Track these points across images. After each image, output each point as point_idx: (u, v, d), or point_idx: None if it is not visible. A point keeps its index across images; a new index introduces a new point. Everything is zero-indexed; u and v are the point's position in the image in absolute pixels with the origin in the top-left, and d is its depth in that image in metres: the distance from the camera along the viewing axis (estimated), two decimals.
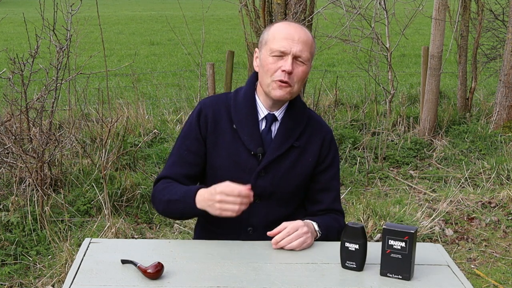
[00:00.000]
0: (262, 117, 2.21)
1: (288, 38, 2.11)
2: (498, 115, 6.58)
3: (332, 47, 8.72)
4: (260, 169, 2.17)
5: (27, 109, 4.68)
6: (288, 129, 2.20)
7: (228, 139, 2.19)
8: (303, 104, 2.29)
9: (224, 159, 2.18)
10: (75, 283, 1.80)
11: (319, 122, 2.30)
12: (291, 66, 2.09)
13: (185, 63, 12.14)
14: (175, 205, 2.11)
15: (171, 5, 30.94)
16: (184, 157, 2.22)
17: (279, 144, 2.18)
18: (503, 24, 7.72)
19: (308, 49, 2.13)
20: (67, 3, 4.93)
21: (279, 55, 2.11)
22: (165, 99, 7.96)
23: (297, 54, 2.10)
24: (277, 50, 2.10)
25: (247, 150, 2.17)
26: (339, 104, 7.65)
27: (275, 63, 2.11)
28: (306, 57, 2.13)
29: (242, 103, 2.21)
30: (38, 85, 7.37)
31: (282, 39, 2.11)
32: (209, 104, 2.24)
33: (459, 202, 4.86)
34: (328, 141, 2.27)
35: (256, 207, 2.19)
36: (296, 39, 2.11)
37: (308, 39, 2.14)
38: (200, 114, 2.22)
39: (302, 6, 4.92)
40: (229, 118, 2.20)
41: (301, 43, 2.11)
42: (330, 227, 2.19)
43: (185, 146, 2.23)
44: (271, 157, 2.17)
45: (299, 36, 2.12)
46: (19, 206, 4.20)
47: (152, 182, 4.83)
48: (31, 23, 4.87)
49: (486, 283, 3.76)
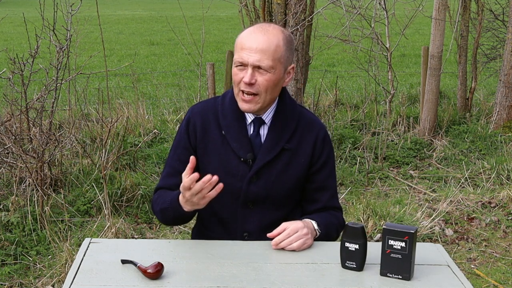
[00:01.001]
0: (250, 122, 2.18)
1: (246, 48, 2.05)
2: (498, 115, 6.58)
3: (332, 47, 8.72)
4: (251, 175, 2.15)
5: (27, 109, 4.68)
6: (277, 132, 2.17)
7: (218, 146, 2.17)
8: (293, 103, 2.24)
9: (215, 166, 2.16)
10: (75, 283, 1.80)
11: (310, 120, 2.25)
12: (249, 77, 2.06)
13: (185, 63, 12.13)
14: (167, 212, 2.14)
15: (171, 5, 30.93)
16: (176, 168, 2.21)
17: (269, 148, 2.16)
18: (503, 24, 7.72)
19: (269, 57, 2.05)
20: (67, 3, 4.93)
21: (241, 66, 2.08)
22: (165, 99, 7.96)
23: (255, 64, 2.05)
24: (237, 61, 2.08)
25: (237, 157, 2.15)
26: (339, 104, 7.65)
27: (239, 74, 2.09)
28: (268, 65, 2.06)
29: (229, 109, 2.18)
30: (38, 85, 7.36)
31: (242, 50, 2.07)
32: (197, 112, 2.22)
33: (459, 202, 4.86)
34: (321, 139, 2.22)
35: (250, 212, 2.18)
36: (254, 48, 2.04)
37: (269, 46, 2.05)
38: (188, 123, 2.21)
39: (302, 6, 4.92)
40: (218, 124, 2.18)
41: (259, 52, 2.04)
42: (329, 224, 2.19)
43: (176, 156, 2.23)
44: (261, 163, 2.15)
45: (258, 45, 2.04)
46: (19, 206, 4.19)
47: (152, 182, 4.87)
48: (31, 23, 4.87)
49: (486, 283, 3.76)
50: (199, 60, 6.93)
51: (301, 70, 5.14)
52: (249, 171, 2.15)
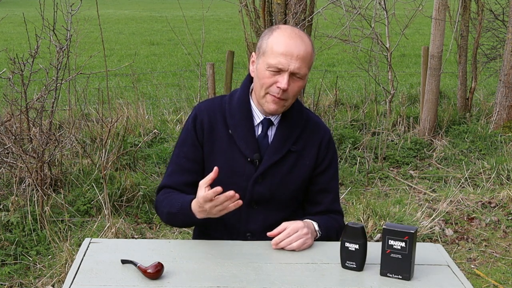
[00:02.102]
0: (258, 122, 2.17)
1: (287, 54, 2.03)
2: (498, 115, 6.58)
3: (332, 47, 8.71)
4: (257, 175, 2.15)
5: (27, 109, 4.68)
6: (285, 134, 2.17)
7: (225, 145, 2.16)
8: (300, 106, 2.24)
9: (221, 165, 2.13)
10: (75, 283, 1.80)
11: (316, 123, 2.26)
12: (287, 84, 2.04)
13: (185, 63, 12.13)
14: (176, 217, 2.12)
15: (171, 5, 30.93)
16: (183, 165, 2.20)
17: (276, 149, 2.16)
18: (503, 24, 7.72)
19: (306, 65, 2.06)
20: (67, 3, 4.93)
21: (276, 70, 2.04)
22: (165, 99, 7.96)
23: (294, 71, 2.04)
24: (274, 66, 2.04)
25: (243, 156, 2.14)
26: (339, 104, 7.65)
27: (271, 78, 2.05)
28: (304, 73, 2.06)
29: (237, 108, 2.17)
30: (38, 85, 7.36)
31: (280, 55, 2.03)
32: (204, 109, 2.20)
33: (459, 202, 4.86)
34: (326, 142, 2.23)
35: (254, 212, 2.18)
36: (295, 56, 2.03)
37: (307, 54, 2.06)
38: (195, 120, 2.19)
39: (302, 6, 4.92)
40: (225, 123, 2.17)
41: (300, 60, 2.03)
42: (330, 227, 2.19)
43: (183, 153, 2.21)
44: (268, 163, 2.15)
45: (299, 52, 2.03)
46: (19, 206, 4.19)
47: (152, 182, 4.87)
48: (31, 23, 4.87)
49: (486, 283, 3.76)
50: (199, 60, 6.93)
51: None
52: (255, 172, 2.15)
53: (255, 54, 2.15)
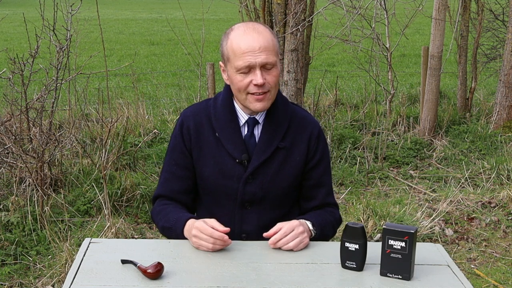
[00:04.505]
0: (244, 122, 2.17)
1: (249, 50, 2.02)
2: (498, 115, 6.58)
3: (332, 47, 8.72)
4: (247, 175, 2.14)
5: (27, 109, 4.68)
6: (271, 131, 2.16)
7: (213, 148, 2.17)
8: (285, 101, 2.23)
9: (211, 168, 2.16)
10: (75, 283, 1.80)
11: (303, 117, 2.24)
12: (261, 78, 2.03)
13: (185, 63, 12.14)
14: (169, 232, 2.14)
15: (171, 5, 30.93)
16: (174, 172, 2.21)
17: (263, 148, 2.15)
18: (503, 24, 7.72)
19: (272, 52, 2.05)
20: (67, 3, 4.93)
21: (247, 71, 2.04)
22: (165, 99, 7.96)
23: (263, 63, 2.03)
24: (243, 67, 2.03)
25: (232, 158, 2.14)
26: (339, 104, 7.65)
27: (245, 79, 2.05)
28: (273, 60, 2.05)
29: (222, 111, 2.17)
30: (38, 85, 7.36)
31: (244, 54, 2.02)
32: (190, 115, 2.21)
33: (459, 202, 4.86)
34: (316, 136, 2.21)
35: (247, 213, 2.18)
36: (257, 49, 2.02)
37: (268, 43, 2.04)
38: (182, 126, 2.20)
39: (302, 6, 4.91)
40: (211, 127, 2.17)
41: (264, 50, 2.02)
42: (324, 224, 2.19)
43: (173, 160, 2.22)
44: (256, 163, 2.14)
45: (260, 44, 2.02)
46: (19, 206, 4.19)
47: (152, 182, 4.87)
48: (31, 23, 4.87)
49: (486, 283, 3.76)
50: (199, 60, 6.93)
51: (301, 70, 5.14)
52: (244, 172, 2.15)
53: (222, 63, 2.16)
